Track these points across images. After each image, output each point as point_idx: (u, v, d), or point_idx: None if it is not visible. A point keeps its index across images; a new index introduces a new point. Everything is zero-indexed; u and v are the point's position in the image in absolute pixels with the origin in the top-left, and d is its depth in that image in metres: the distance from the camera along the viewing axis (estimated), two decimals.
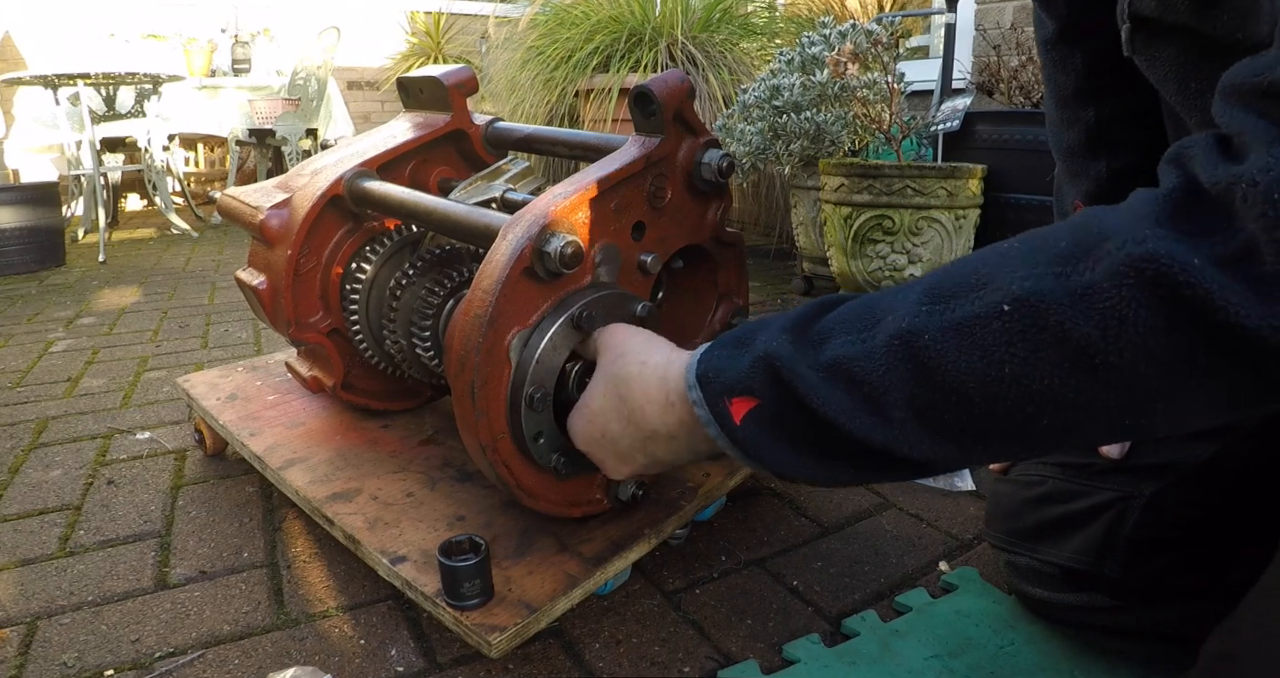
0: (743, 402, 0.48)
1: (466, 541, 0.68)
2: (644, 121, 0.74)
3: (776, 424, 0.47)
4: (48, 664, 0.73)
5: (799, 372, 0.45)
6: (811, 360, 0.45)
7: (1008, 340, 0.38)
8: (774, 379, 0.46)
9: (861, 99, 1.85)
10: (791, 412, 0.46)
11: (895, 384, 0.41)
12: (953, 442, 0.42)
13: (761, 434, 0.48)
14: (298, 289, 0.88)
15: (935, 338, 0.40)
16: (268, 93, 4.04)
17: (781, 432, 0.47)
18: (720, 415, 0.49)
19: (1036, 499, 0.72)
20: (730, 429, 0.49)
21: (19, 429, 1.29)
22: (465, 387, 0.65)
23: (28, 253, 2.66)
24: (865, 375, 0.42)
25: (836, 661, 0.71)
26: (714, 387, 0.50)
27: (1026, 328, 0.37)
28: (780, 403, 0.46)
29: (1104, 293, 0.35)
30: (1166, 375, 0.36)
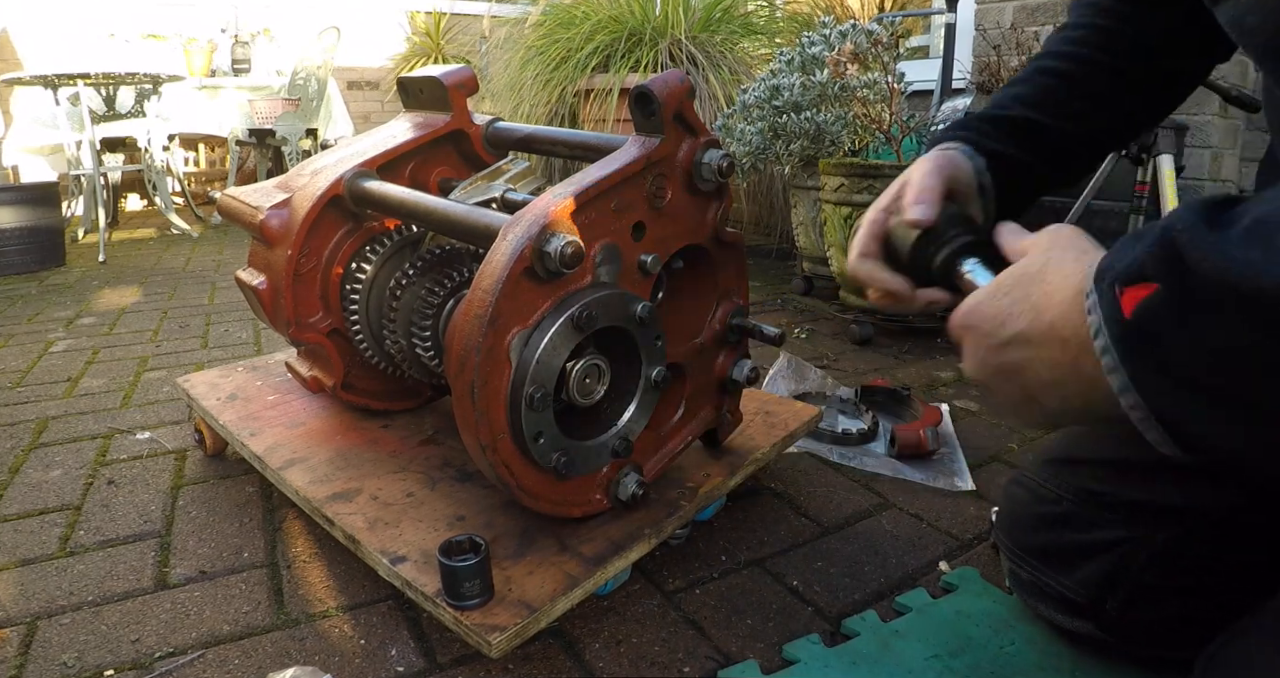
0: (1137, 290, 0.38)
1: (466, 540, 0.68)
2: (644, 121, 0.74)
3: (1176, 311, 0.36)
4: (48, 664, 0.73)
5: (1206, 241, 0.35)
6: (1226, 231, 0.35)
7: None
8: (1174, 256, 0.36)
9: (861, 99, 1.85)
10: (1191, 289, 0.36)
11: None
12: None
13: (1152, 333, 0.37)
14: (298, 289, 0.88)
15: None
16: (268, 93, 4.04)
17: (1181, 322, 0.36)
18: (1111, 314, 0.39)
19: (1050, 519, 0.70)
20: (1119, 329, 0.39)
21: (19, 429, 1.29)
22: (465, 387, 0.65)
23: (28, 253, 2.66)
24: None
25: (836, 661, 0.71)
26: (1108, 280, 0.40)
27: None
28: (1182, 284, 0.36)
29: None
30: None
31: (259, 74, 4.32)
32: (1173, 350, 0.37)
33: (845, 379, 1.50)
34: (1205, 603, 0.61)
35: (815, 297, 2.19)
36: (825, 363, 1.62)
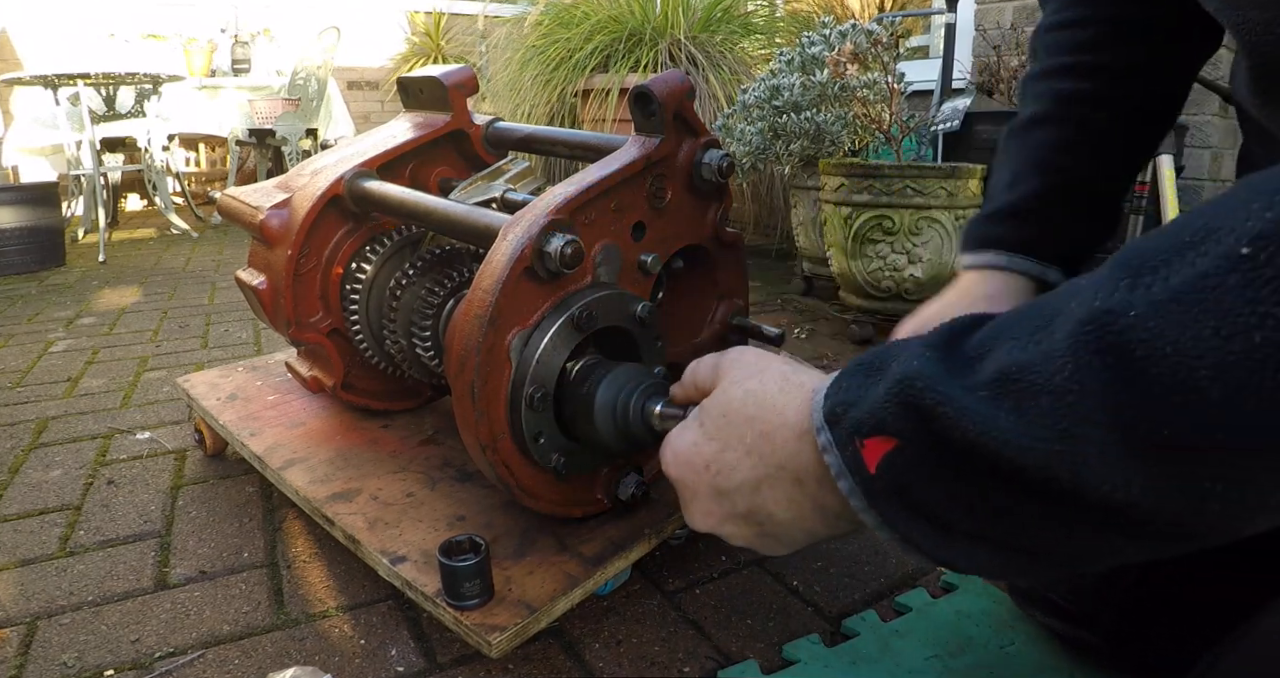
0: (878, 443, 0.36)
1: (467, 540, 0.68)
2: (644, 122, 0.74)
3: (922, 470, 0.35)
4: (48, 664, 0.73)
5: (947, 394, 0.33)
6: (967, 380, 0.33)
7: (1251, 296, 0.26)
8: (914, 409, 0.34)
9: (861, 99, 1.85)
10: (940, 448, 0.34)
11: (1087, 389, 0.29)
12: (1175, 471, 0.29)
13: (903, 491, 0.36)
14: (298, 289, 0.88)
15: (1144, 315, 0.28)
16: (268, 93, 4.05)
17: (930, 482, 0.35)
18: (853, 465, 0.37)
19: None
20: (866, 483, 0.37)
21: (19, 429, 1.29)
22: (465, 387, 0.65)
23: (28, 253, 2.66)
24: (1044, 384, 0.31)
25: (836, 661, 0.71)
26: (843, 427, 0.38)
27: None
28: (925, 440, 0.34)
29: None
30: None
31: (259, 74, 4.32)
32: (921, 503, 0.36)
33: None
34: (1198, 613, 0.61)
35: (815, 297, 2.19)
36: (825, 363, 1.62)
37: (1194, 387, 0.27)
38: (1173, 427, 0.28)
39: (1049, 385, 0.30)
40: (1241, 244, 0.27)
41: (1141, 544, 0.33)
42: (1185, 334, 0.27)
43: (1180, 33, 0.65)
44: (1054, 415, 0.30)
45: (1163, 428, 0.28)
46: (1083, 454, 0.30)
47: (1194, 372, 0.27)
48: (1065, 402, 0.30)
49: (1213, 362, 0.27)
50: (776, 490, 0.43)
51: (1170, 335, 0.28)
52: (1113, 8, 0.66)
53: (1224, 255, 0.27)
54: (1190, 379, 0.27)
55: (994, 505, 0.33)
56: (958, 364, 0.34)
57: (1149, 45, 0.65)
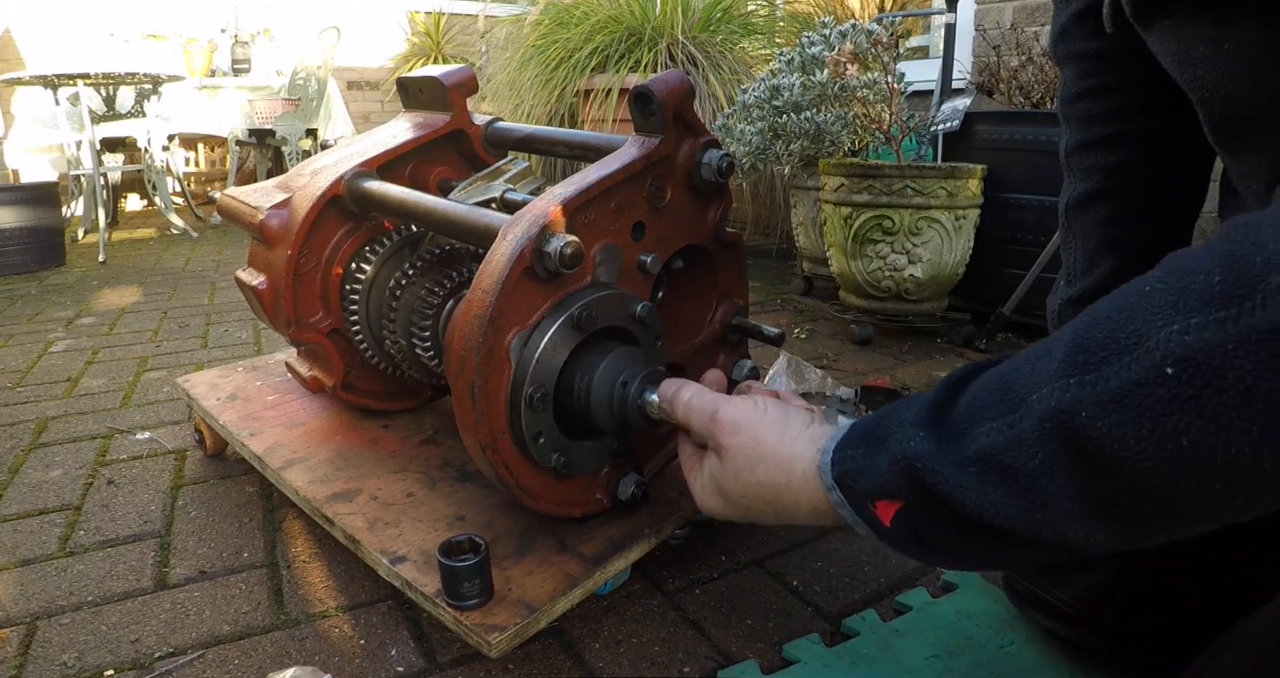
0: (888, 504, 0.45)
1: (466, 540, 0.68)
2: (644, 122, 0.74)
3: (929, 524, 0.44)
4: (48, 664, 0.73)
5: (943, 473, 0.41)
6: (956, 456, 0.41)
7: (1178, 409, 0.32)
8: (917, 483, 0.42)
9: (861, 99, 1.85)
10: (942, 513, 0.42)
11: (1055, 472, 0.37)
12: (1124, 529, 0.37)
13: (915, 534, 0.45)
14: (297, 289, 0.88)
15: (1093, 414, 0.34)
16: (268, 93, 4.04)
17: (937, 531, 0.44)
18: (869, 518, 0.47)
19: None
20: (881, 531, 0.47)
21: (19, 429, 1.29)
22: (465, 387, 0.65)
23: (28, 253, 2.66)
24: (1019, 466, 0.38)
25: (837, 660, 0.71)
26: (856, 492, 0.47)
27: (1200, 391, 0.31)
28: (928, 506, 0.43)
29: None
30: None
31: (259, 74, 4.32)
32: (929, 541, 0.44)
33: (845, 379, 1.50)
34: (1200, 613, 0.61)
35: (815, 297, 2.19)
36: (825, 363, 1.62)
37: (1137, 473, 0.34)
38: (1123, 498, 0.35)
39: (1025, 468, 0.38)
40: (1166, 364, 0.32)
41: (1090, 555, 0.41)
42: (1128, 433, 0.33)
43: None
44: (1032, 491, 0.38)
45: (1116, 499, 0.35)
46: (1057, 518, 0.37)
47: (1137, 463, 0.34)
48: (1039, 482, 0.37)
49: (1151, 457, 0.33)
50: (789, 509, 0.54)
51: (1116, 434, 0.34)
52: (1135, 71, 0.67)
53: (1153, 368, 0.33)
54: (1135, 469, 0.34)
55: (989, 548, 0.42)
56: (946, 440, 0.42)
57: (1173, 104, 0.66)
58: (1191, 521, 0.36)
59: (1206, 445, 0.31)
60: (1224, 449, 0.31)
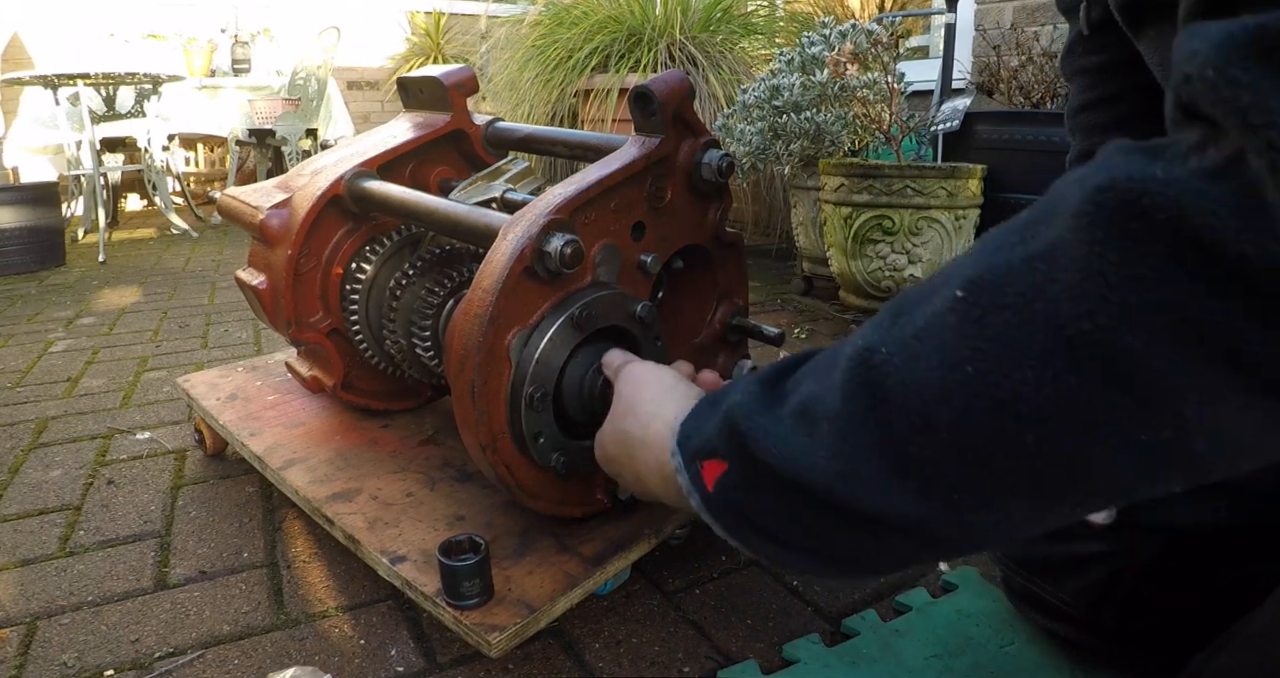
0: (713, 465, 0.43)
1: (466, 540, 0.68)
2: (644, 121, 0.74)
3: (746, 488, 0.41)
4: (48, 664, 0.73)
5: (757, 423, 0.39)
6: (778, 411, 0.40)
7: (965, 333, 0.31)
8: (734, 432, 0.41)
9: (861, 99, 1.85)
10: (757, 469, 0.39)
11: (854, 416, 0.35)
12: (929, 487, 0.34)
13: (735, 504, 0.42)
14: (298, 289, 0.88)
15: (892, 350, 0.34)
16: (268, 93, 4.04)
17: (754, 498, 0.41)
18: (697, 483, 0.44)
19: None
20: (705, 498, 0.43)
21: (19, 429, 1.29)
22: (465, 386, 0.65)
23: (28, 253, 2.66)
24: (824, 411, 0.36)
25: (837, 660, 0.71)
26: (688, 450, 0.45)
27: (985, 310, 0.31)
28: (743, 462, 0.40)
29: (1066, 247, 0.29)
30: (1166, 346, 0.27)
31: (259, 74, 4.32)
32: (751, 516, 0.41)
33: None
34: (1198, 612, 0.61)
35: (815, 297, 2.19)
36: None
37: (926, 412, 0.32)
38: (917, 447, 0.33)
39: (828, 413, 0.36)
40: (958, 288, 0.32)
41: (939, 551, 0.38)
42: (918, 367, 0.32)
43: None
44: (832, 438, 0.36)
45: (909, 448, 0.33)
46: (856, 472, 0.35)
47: (924, 399, 0.32)
48: (838, 427, 0.35)
49: (938, 391, 0.31)
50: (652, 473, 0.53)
51: (907, 368, 0.33)
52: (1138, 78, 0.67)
53: (948, 297, 0.32)
54: (923, 406, 0.32)
55: (802, 520, 0.39)
56: (774, 397, 0.41)
57: None
58: (997, 487, 0.32)
59: (989, 372, 0.30)
60: (1007, 376, 0.30)
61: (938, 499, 0.33)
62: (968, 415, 0.31)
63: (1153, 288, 0.27)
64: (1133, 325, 0.27)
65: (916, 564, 0.42)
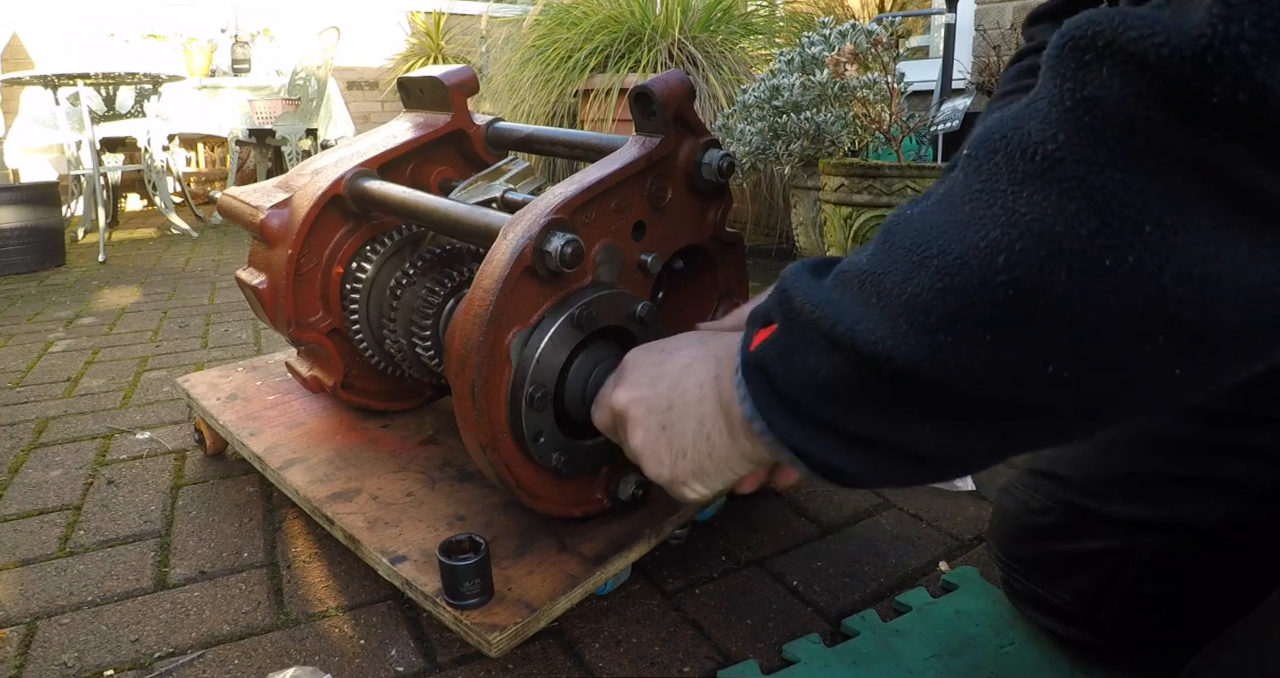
0: (764, 331, 0.44)
1: (466, 540, 0.68)
2: (644, 122, 0.74)
3: (784, 347, 0.41)
4: (48, 664, 0.73)
5: (804, 285, 0.41)
6: (822, 279, 0.41)
7: (968, 182, 0.34)
8: (784, 294, 0.42)
9: (861, 99, 1.85)
10: (793, 324, 0.41)
11: (879, 270, 0.37)
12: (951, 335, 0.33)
13: (764, 361, 0.42)
14: (298, 289, 0.88)
15: (917, 212, 0.36)
16: (268, 93, 4.04)
17: (786, 356, 0.41)
18: (745, 346, 0.45)
19: (1038, 530, 0.69)
20: (745, 356, 0.44)
21: (19, 429, 1.29)
22: (466, 386, 0.65)
23: (28, 253, 2.66)
24: (855, 271, 0.38)
25: (836, 660, 0.71)
26: (752, 320, 0.46)
27: (982, 159, 0.33)
28: (785, 319, 0.41)
29: (1043, 89, 0.31)
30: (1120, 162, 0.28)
31: (259, 74, 4.32)
32: (780, 378, 0.41)
33: None
34: (1197, 610, 0.61)
35: None
36: None
37: (924, 248, 0.34)
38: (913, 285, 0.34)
39: (857, 271, 0.38)
40: (965, 149, 0.35)
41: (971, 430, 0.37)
42: (929, 216, 0.35)
43: None
44: (862, 292, 0.37)
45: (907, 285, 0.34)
46: (868, 317, 0.36)
47: (925, 237, 0.34)
48: (868, 281, 0.37)
49: (935, 230, 0.34)
50: (700, 369, 0.51)
51: (919, 217, 0.36)
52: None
53: (959, 159, 0.35)
54: (923, 244, 0.34)
55: (828, 382, 0.39)
56: (821, 271, 0.42)
57: None
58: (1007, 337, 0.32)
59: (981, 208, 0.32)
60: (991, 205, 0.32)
61: (965, 350, 0.33)
62: (973, 256, 0.32)
63: (1101, 105, 0.28)
64: (1090, 143, 0.29)
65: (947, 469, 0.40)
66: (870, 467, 0.40)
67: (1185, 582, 0.61)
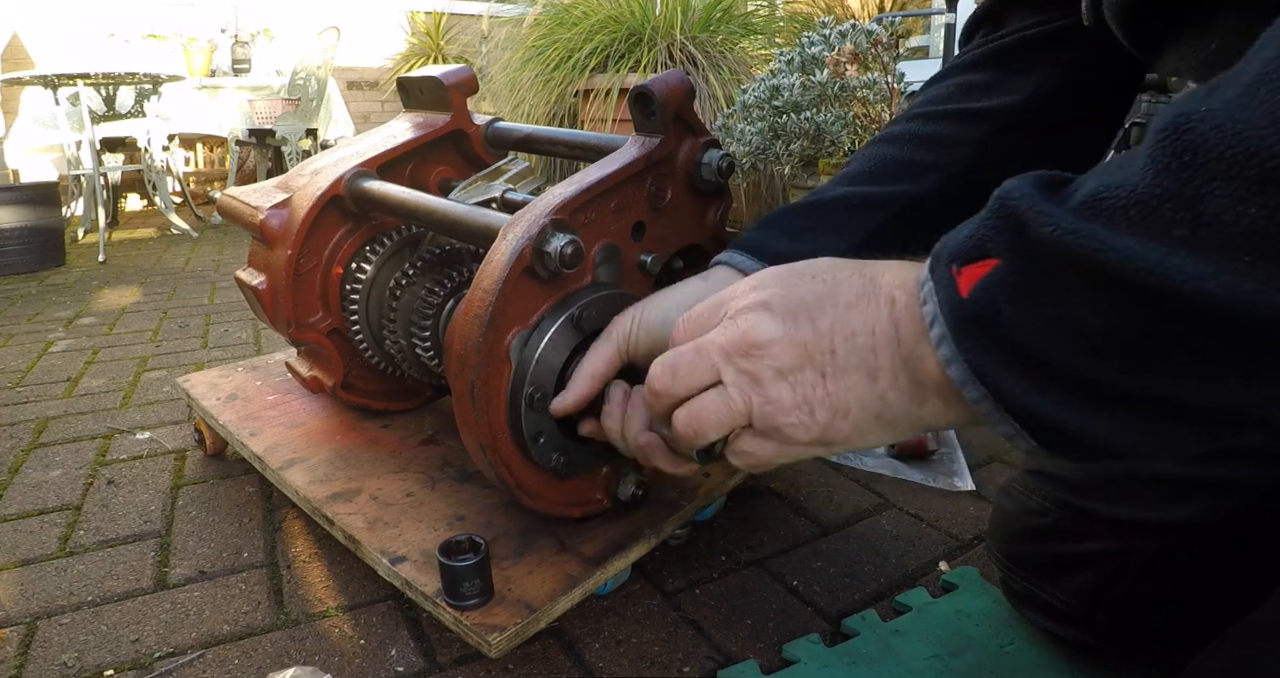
0: (975, 268, 0.34)
1: (466, 540, 0.68)
2: (644, 122, 0.74)
3: (1023, 288, 0.33)
4: (47, 664, 0.73)
5: (1044, 207, 0.32)
6: (1063, 203, 0.32)
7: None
8: (1016, 225, 0.33)
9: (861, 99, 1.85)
10: (1042, 264, 0.32)
11: (1168, 191, 0.29)
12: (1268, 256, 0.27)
13: (992, 309, 0.33)
14: (297, 289, 0.88)
15: (1215, 110, 0.28)
16: (268, 93, 4.05)
17: (1027, 303, 0.33)
18: (945, 290, 0.35)
19: (1037, 531, 0.69)
20: (955, 307, 0.34)
21: (19, 429, 1.29)
22: (465, 386, 0.65)
23: (28, 253, 2.66)
24: (1128, 196, 0.30)
25: (836, 660, 0.71)
26: (941, 257, 0.36)
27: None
28: (1027, 255, 0.33)
29: None
30: None
31: (259, 74, 4.32)
32: (1018, 330, 0.33)
33: None
34: (1195, 611, 0.61)
35: None
36: None
37: (1269, 155, 0.26)
38: (1257, 206, 0.27)
39: (1134, 197, 0.30)
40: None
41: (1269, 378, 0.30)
42: (1255, 113, 0.26)
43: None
44: (1143, 223, 0.29)
45: (1249, 209, 0.27)
46: (1176, 253, 0.28)
47: (1264, 138, 0.26)
48: (1150, 208, 0.29)
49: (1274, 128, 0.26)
50: (869, 309, 0.40)
51: (1242, 118, 0.27)
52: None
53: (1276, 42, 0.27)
54: (1263, 148, 0.26)
55: (1096, 329, 0.31)
56: (1052, 190, 0.33)
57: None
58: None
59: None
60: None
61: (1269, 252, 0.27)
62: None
63: None
64: None
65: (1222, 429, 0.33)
66: (1136, 431, 0.33)
67: (1184, 583, 0.61)
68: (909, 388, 0.39)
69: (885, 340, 0.39)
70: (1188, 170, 0.28)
